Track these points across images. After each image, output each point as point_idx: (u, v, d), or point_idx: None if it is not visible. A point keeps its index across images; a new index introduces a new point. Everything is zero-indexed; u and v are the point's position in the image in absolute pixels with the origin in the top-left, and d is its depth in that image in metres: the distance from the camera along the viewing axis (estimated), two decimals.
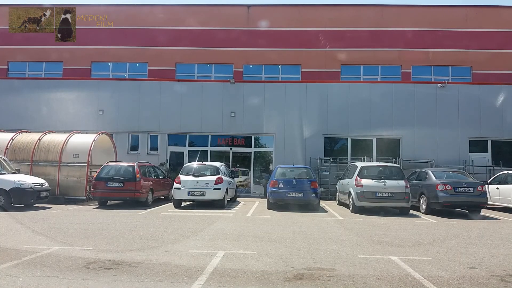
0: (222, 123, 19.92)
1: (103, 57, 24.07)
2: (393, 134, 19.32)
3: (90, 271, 5.33)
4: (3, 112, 19.69)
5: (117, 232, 8.55)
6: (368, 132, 19.26)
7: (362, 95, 19.63)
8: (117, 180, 13.27)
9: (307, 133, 19.15)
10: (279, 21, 23.70)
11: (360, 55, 22.86)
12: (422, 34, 22.72)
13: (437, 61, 22.66)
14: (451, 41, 22.50)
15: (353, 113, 19.40)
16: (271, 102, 19.78)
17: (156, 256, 6.25)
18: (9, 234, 8.11)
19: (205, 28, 23.91)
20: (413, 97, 19.45)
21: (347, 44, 23.01)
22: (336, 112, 19.42)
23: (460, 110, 19.22)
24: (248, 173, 20.22)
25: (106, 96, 20.36)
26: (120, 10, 24.47)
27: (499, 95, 19.28)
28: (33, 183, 12.52)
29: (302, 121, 19.38)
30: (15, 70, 24.20)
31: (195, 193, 13.31)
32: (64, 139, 14.86)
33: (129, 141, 20.11)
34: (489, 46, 22.41)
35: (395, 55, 22.74)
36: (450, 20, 22.89)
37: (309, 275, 5.32)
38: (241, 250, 6.81)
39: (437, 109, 19.26)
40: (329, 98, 19.67)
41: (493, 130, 19.06)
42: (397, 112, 19.32)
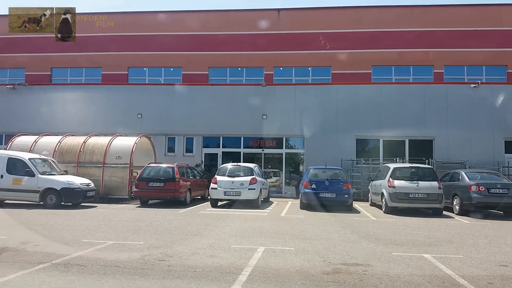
0: (254, 125, 20.41)
1: (139, 62, 25.07)
2: (426, 135, 19.29)
3: (146, 262, 5.93)
4: (49, 117, 20.90)
5: (162, 228, 9.20)
6: (400, 133, 19.30)
7: (393, 96, 19.71)
8: (158, 180, 14.03)
9: (338, 135, 19.38)
10: (309, 23, 23.98)
11: (391, 56, 22.84)
12: (455, 34, 22.48)
13: (470, 61, 22.37)
14: (485, 40, 22.17)
15: (384, 114, 19.49)
16: (302, 104, 20.14)
17: (202, 250, 6.81)
18: (66, 229, 8.89)
19: (236, 33, 24.51)
20: (445, 97, 19.36)
21: (377, 45, 23.03)
22: (368, 113, 19.57)
23: (494, 110, 18.97)
24: (279, 174, 20.64)
25: (144, 100, 21.28)
26: (156, 18, 25.42)
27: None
28: (80, 183, 13.44)
29: (333, 123, 19.63)
30: (58, 76, 25.58)
31: (231, 193, 13.88)
32: (108, 141, 15.78)
33: (166, 143, 20.94)
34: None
35: (427, 55, 22.59)
36: (484, 19, 22.55)
37: (346, 270, 5.73)
38: (280, 246, 7.28)
39: (470, 110, 19.09)
40: (360, 99, 19.84)
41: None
42: (430, 113, 19.28)
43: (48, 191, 12.89)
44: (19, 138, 16.52)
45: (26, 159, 13.20)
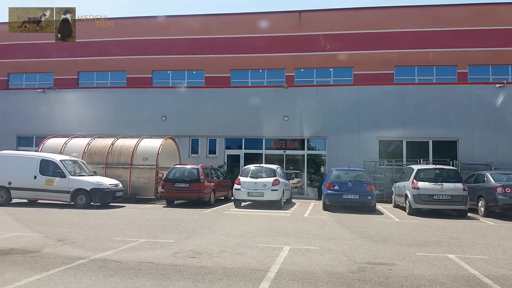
0: (276, 126, 20.57)
1: (163, 65, 25.63)
2: (450, 136, 19.07)
3: (178, 259, 6.21)
4: (77, 119, 21.52)
5: (190, 227, 9.51)
6: (424, 134, 19.14)
7: (416, 97, 19.57)
8: (184, 181, 14.40)
9: (361, 136, 19.35)
10: (330, 25, 24.06)
11: (413, 56, 22.69)
12: (479, 33, 22.17)
13: (495, 60, 22.02)
14: (509, 39, 21.79)
15: (407, 115, 19.37)
16: (323, 105, 20.19)
17: (230, 248, 7.06)
18: (99, 228, 9.30)
19: (257, 35, 24.79)
20: (470, 98, 19.10)
21: (399, 45, 22.93)
22: (390, 114, 19.49)
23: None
24: (301, 175, 20.75)
25: (168, 103, 21.71)
26: (179, 21, 25.93)
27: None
28: (109, 184, 13.93)
29: (356, 124, 19.61)
30: (85, 80, 26.39)
31: (254, 194, 14.11)
32: (135, 143, 16.25)
33: (190, 144, 21.29)
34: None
35: (450, 55, 22.35)
36: (509, 18, 22.17)
37: (371, 268, 5.87)
38: (305, 246, 7.46)
39: (496, 110, 18.78)
40: (382, 100, 19.78)
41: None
42: (454, 113, 19.06)
43: (78, 192, 13.41)
44: (50, 140, 17.17)
45: (58, 161, 13.76)
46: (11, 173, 13.76)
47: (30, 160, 13.90)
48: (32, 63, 26.49)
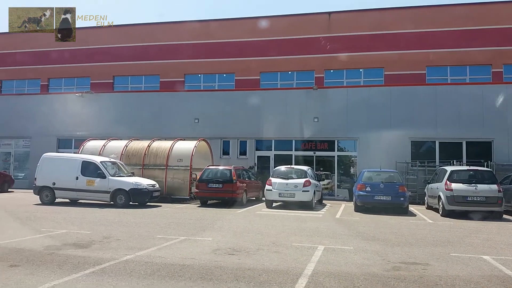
0: (305, 128, 20.72)
1: (195, 69, 26.25)
2: (484, 136, 18.70)
3: (218, 256, 6.55)
4: (115, 122, 22.40)
5: (226, 226, 9.88)
6: (457, 134, 18.86)
7: (449, 97, 19.29)
8: (217, 182, 14.81)
9: (392, 137, 19.24)
10: (360, 26, 24.00)
11: (446, 56, 22.34)
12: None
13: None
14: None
15: (440, 115, 19.13)
16: (354, 106, 20.20)
17: (266, 247, 7.34)
18: (140, 226, 9.79)
19: (286, 38, 25.04)
20: (505, 98, 18.67)
21: (431, 45, 22.62)
22: (423, 114, 19.29)
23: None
24: (331, 176, 20.81)
25: (200, 105, 22.23)
26: (208, 26, 26.49)
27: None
28: (147, 184, 14.50)
29: (387, 125, 19.52)
30: (120, 84, 27.35)
31: (285, 195, 14.35)
32: (170, 145, 16.81)
33: (221, 146, 21.76)
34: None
35: (484, 54, 21.87)
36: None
37: (405, 268, 6.02)
38: (339, 246, 7.66)
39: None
40: (414, 101, 19.61)
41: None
42: (488, 114, 18.68)
43: (117, 192, 14.04)
44: (89, 142, 17.98)
45: (98, 162, 14.45)
46: (54, 174, 14.53)
47: (72, 162, 14.66)
48: (70, 68, 27.68)
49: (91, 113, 23.09)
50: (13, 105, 24.61)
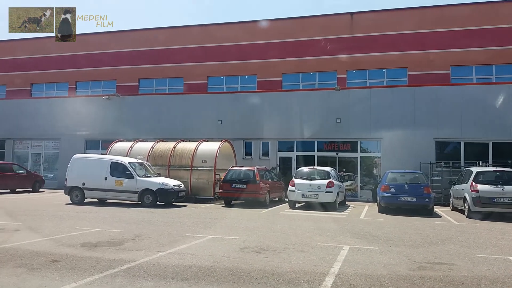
0: (328, 129, 20.75)
1: (218, 71, 26.62)
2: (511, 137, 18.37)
3: (246, 254, 6.77)
4: (140, 123, 22.95)
5: (251, 226, 10.09)
6: (483, 135, 18.57)
7: (475, 97, 19.01)
8: (241, 182, 15.07)
9: (417, 138, 19.10)
10: (383, 26, 23.89)
11: (470, 55, 22.02)
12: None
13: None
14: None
15: (465, 115, 18.86)
16: (377, 107, 20.11)
17: (292, 246, 7.52)
18: (168, 225, 10.11)
19: (308, 39, 25.14)
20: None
21: (456, 45, 22.32)
22: (448, 115, 19.07)
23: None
24: (354, 177, 20.78)
25: (223, 107, 22.57)
26: (230, 29, 26.84)
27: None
28: (173, 184, 14.88)
29: (411, 125, 19.37)
30: (145, 86, 27.97)
31: (309, 196, 14.47)
32: (194, 146, 17.17)
33: (244, 147, 22.00)
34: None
35: (510, 53, 21.44)
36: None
37: (431, 267, 6.10)
38: (364, 246, 7.76)
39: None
40: (439, 101, 19.41)
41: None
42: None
43: (145, 192, 14.46)
44: (117, 144, 18.52)
45: (127, 163, 14.91)
46: (84, 175, 15.07)
47: (102, 163, 15.17)
48: (97, 72, 28.48)
49: (117, 115, 23.72)
50: (43, 107, 25.50)
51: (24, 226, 9.41)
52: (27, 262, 5.87)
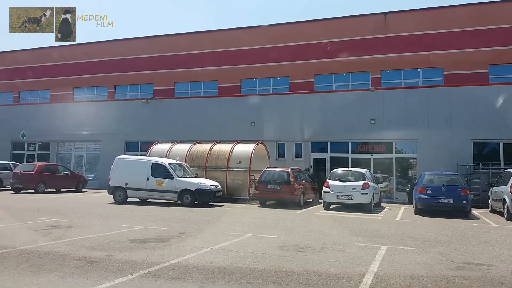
0: (362, 130, 20.68)
1: (251, 74, 27.06)
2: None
3: (286, 252, 7.07)
4: (178, 126, 23.60)
5: (288, 225, 10.39)
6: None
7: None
8: (275, 183, 15.38)
9: (453, 138, 18.80)
10: (417, 25, 23.63)
11: (509, 53, 21.41)
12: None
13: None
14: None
15: (505, 115, 18.40)
16: (412, 107, 19.91)
17: (330, 245, 7.76)
18: (208, 223, 10.56)
19: (342, 39, 25.17)
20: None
21: (494, 43, 21.77)
22: (486, 115, 18.66)
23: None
24: (389, 179, 20.63)
25: (256, 109, 22.91)
26: (262, 32, 27.21)
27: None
28: (210, 185, 15.38)
29: (447, 126, 19.08)
30: (181, 90, 28.77)
31: (343, 197, 14.59)
32: (230, 148, 17.64)
33: (277, 148, 22.29)
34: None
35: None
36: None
37: (469, 268, 6.20)
38: (401, 246, 7.90)
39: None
40: (477, 101, 19.01)
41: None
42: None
43: (184, 192, 15.02)
44: (156, 146, 19.25)
45: (167, 164, 15.53)
46: (127, 175, 15.80)
47: (143, 164, 15.86)
48: (135, 76, 29.55)
49: (155, 117, 24.55)
50: (84, 111, 26.72)
51: (76, 223, 10.08)
52: (85, 256, 6.40)
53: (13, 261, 6.00)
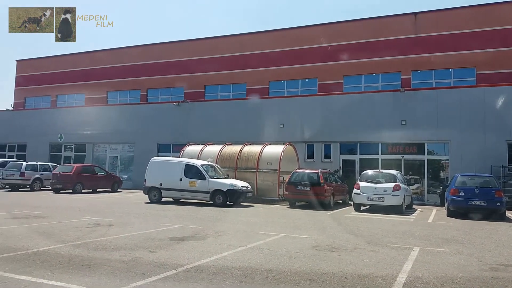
0: (393, 131, 20.52)
1: (279, 76, 27.32)
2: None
3: (319, 251, 7.28)
4: (208, 127, 24.02)
5: (319, 226, 10.58)
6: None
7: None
8: (305, 184, 15.54)
9: (487, 139, 18.43)
10: (448, 25, 23.31)
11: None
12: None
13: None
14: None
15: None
16: (444, 108, 19.59)
17: (362, 246, 7.91)
18: (241, 223, 10.88)
19: (370, 40, 25.08)
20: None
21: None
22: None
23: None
24: (421, 181, 20.38)
25: (284, 111, 23.10)
26: (287, 34, 27.44)
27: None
28: (241, 185, 15.72)
29: (480, 127, 18.72)
30: (210, 92, 29.34)
31: (374, 199, 14.60)
32: (259, 150, 17.94)
33: (305, 150, 22.40)
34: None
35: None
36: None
37: (504, 269, 6.24)
38: (434, 248, 7.96)
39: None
40: (511, 101, 18.60)
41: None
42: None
43: (216, 192, 15.42)
44: (188, 147, 19.79)
45: (199, 165, 15.99)
46: (161, 176, 16.35)
47: (177, 165, 16.37)
48: (166, 79, 30.35)
49: (186, 120, 25.13)
50: (118, 114, 27.68)
51: (116, 222, 10.59)
52: (129, 252, 6.82)
53: (65, 256, 6.47)
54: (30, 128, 29.42)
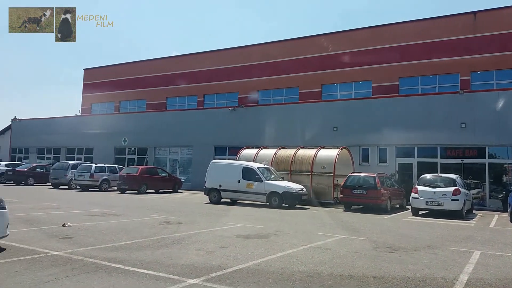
0: (451, 134, 20.00)
1: (331, 79, 27.49)
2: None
3: (379, 252, 7.57)
4: (263, 131, 24.64)
5: (377, 229, 10.78)
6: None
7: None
8: (361, 188, 15.68)
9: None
10: (509, 23, 22.38)
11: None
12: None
13: None
14: None
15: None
16: (507, 110, 18.87)
17: (422, 249, 8.10)
18: (299, 224, 11.31)
19: (427, 41, 24.65)
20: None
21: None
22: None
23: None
24: (481, 185, 19.72)
25: (338, 114, 23.23)
26: (349, 35, 27.48)
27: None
28: (296, 188, 16.15)
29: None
30: (264, 97, 30.04)
31: (433, 203, 14.45)
32: (314, 153, 18.28)
33: (360, 153, 22.36)
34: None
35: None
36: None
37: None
38: (495, 252, 7.97)
39: None
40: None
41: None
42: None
43: (272, 194, 15.97)
44: (244, 150, 20.53)
45: (256, 168, 16.63)
46: (220, 178, 17.18)
47: (235, 168, 17.13)
48: (221, 85, 31.50)
49: (241, 124, 25.95)
50: (177, 118, 29.11)
51: (184, 220, 11.43)
52: (203, 247, 7.51)
53: (148, 249, 7.27)
54: (96, 133, 31.66)
